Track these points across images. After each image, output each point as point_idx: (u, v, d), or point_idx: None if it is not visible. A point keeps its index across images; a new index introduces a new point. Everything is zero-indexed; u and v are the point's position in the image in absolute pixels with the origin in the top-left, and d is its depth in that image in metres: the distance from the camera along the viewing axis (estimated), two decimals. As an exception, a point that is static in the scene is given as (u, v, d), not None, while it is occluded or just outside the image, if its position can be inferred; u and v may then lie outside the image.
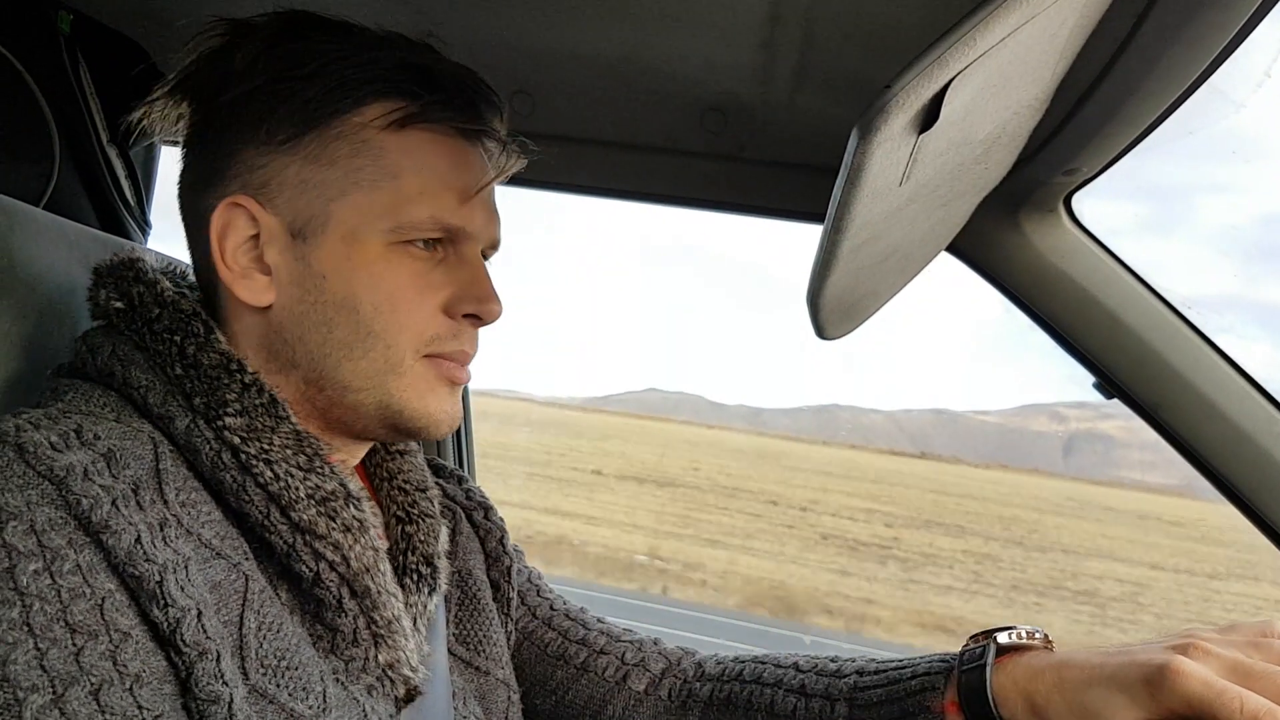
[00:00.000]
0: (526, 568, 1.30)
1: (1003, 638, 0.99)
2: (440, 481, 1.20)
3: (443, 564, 1.06)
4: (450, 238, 0.95)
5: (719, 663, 1.23)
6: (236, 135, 0.92)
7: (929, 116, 0.73)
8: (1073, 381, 1.44)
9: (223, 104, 0.91)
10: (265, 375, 0.93)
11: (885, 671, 1.08)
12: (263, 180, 0.91)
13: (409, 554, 1.03)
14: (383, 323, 0.92)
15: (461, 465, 2.07)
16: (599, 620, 1.29)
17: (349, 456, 1.01)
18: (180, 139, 0.98)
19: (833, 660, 1.15)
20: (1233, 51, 0.97)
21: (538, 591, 1.29)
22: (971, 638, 1.03)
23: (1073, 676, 0.91)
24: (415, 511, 1.06)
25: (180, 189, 0.98)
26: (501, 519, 1.28)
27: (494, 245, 1.02)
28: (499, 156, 1.02)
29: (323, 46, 0.92)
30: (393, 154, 0.92)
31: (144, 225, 1.52)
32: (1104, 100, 1.08)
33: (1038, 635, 1.00)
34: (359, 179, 0.91)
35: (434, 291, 0.94)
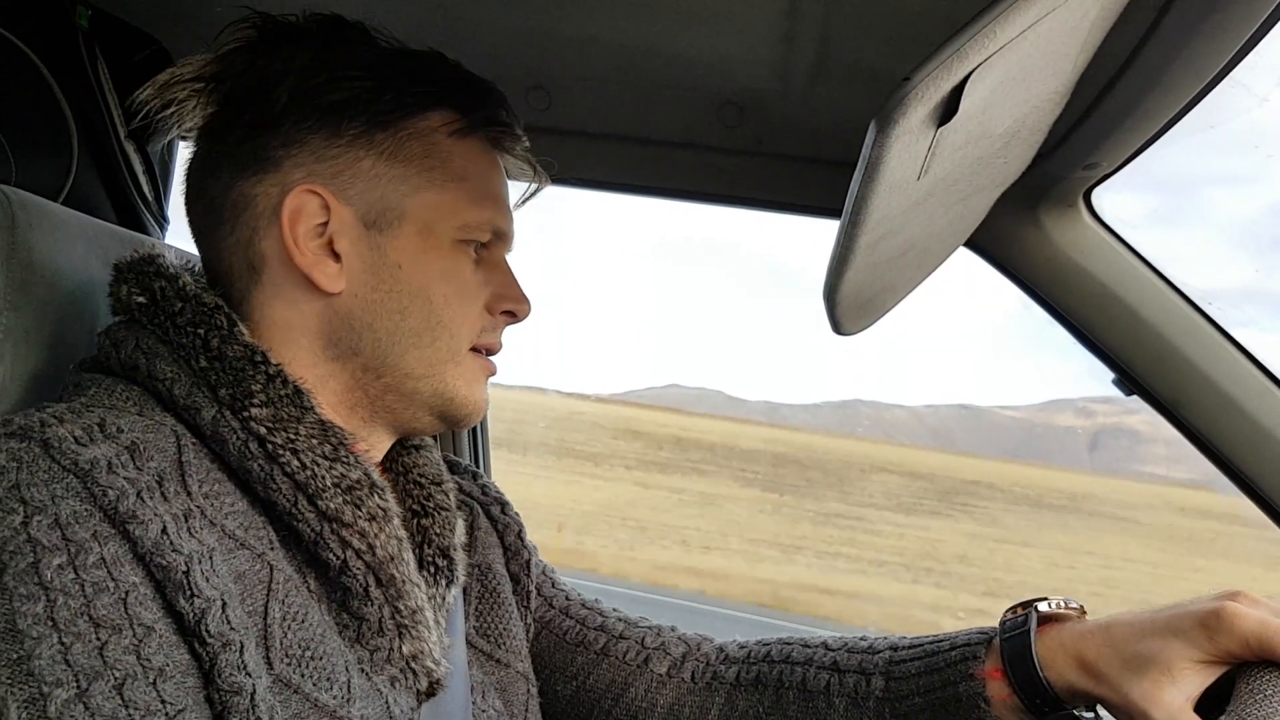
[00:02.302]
0: (541, 561, 1.31)
1: (1042, 607, 1.01)
2: (456, 478, 1.21)
3: (459, 556, 1.06)
4: (491, 241, 1.02)
5: (742, 646, 1.23)
6: (299, 126, 0.94)
7: (948, 109, 0.72)
8: (1098, 376, 1.43)
9: (280, 95, 0.93)
10: (319, 364, 0.96)
11: (920, 645, 1.09)
12: (334, 171, 0.94)
13: (425, 547, 1.03)
14: (450, 313, 0.97)
15: (477, 462, 2.07)
16: (614, 609, 1.30)
17: (374, 451, 1.02)
18: (198, 129, 0.99)
19: (862, 639, 1.15)
20: (1256, 44, 0.97)
21: (552, 583, 1.30)
22: (1009, 610, 1.03)
23: (1122, 633, 0.93)
24: (431, 504, 1.06)
25: (201, 176, 0.98)
26: (518, 514, 1.29)
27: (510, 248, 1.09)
28: (531, 175, 1.11)
29: (379, 53, 0.98)
30: (458, 159, 0.98)
31: (162, 221, 1.52)
32: (1125, 94, 1.07)
33: (1073, 606, 1.01)
34: (431, 179, 0.96)
35: (482, 289, 1.02)
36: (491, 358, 1.05)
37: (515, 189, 1.10)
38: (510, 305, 1.04)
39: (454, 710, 1.02)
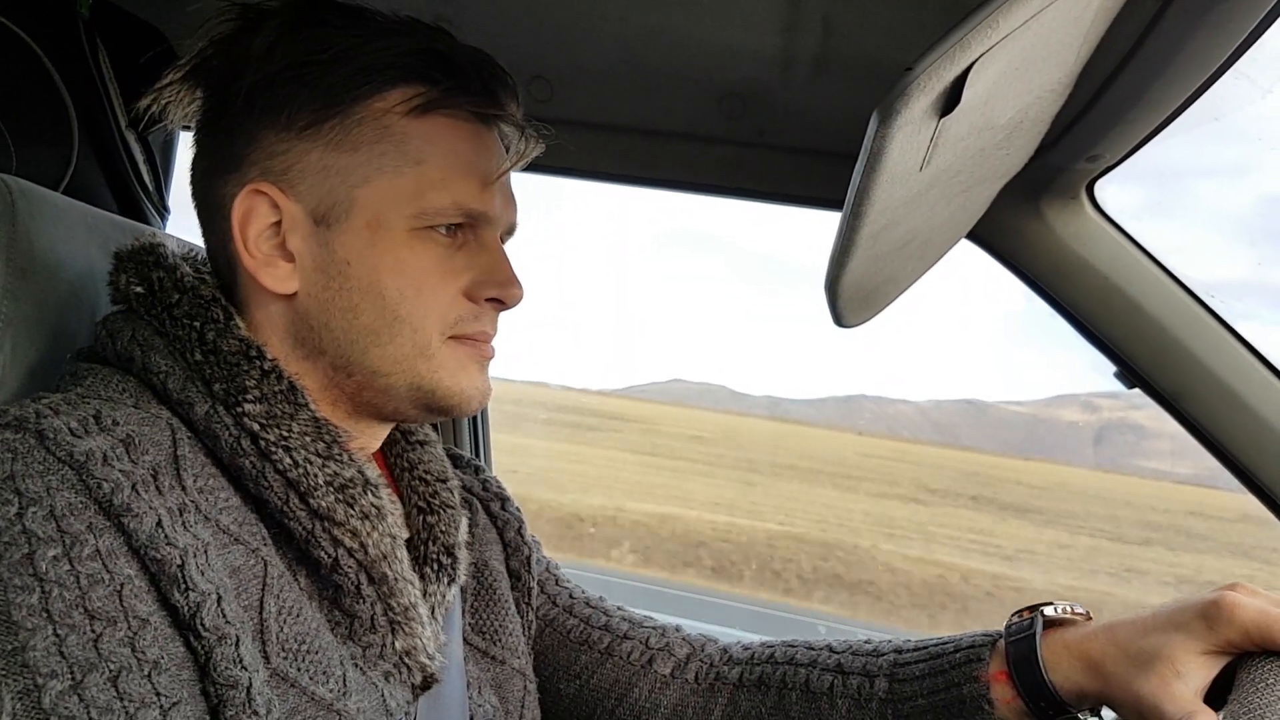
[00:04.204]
0: (544, 558, 1.30)
1: (1048, 611, 1.00)
2: (458, 472, 1.20)
3: (463, 554, 1.06)
4: (470, 223, 0.96)
5: (746, 647, 1.22)
6: (255, 121, 0.91)
7: (950, 100, 0.72)
8: (1105, 370, 1.43)
9: (240, 89, 0.91)
10: (291, 362, 0.94)
11: (925, 648, 1.09)
12: (284, 166, 0.91)
13: (430, 544, 1.03)
14: (408, 308, 0.92)
15: (478, 454, 2.07)
16: (619, 608, 1.29)
17: (369, 443, 1.01)
18: (194, 125, 0.98)
19: (867, 641, 1.15)
20: (1260, 36, 0.96)
21: (556, 580, 1.29)
22: (1015, 613, 1.03)
23: (1125, 631, 0.93)
24: (436, 502, 1.06)
25: (194, 175, 0.97)
26: (518, 509, 1.28)
27: (511, 230, 1.02)
28: (517, 142, 1.01)
29: (341, 32, 0.91)
30: (415, 140, 0.92)
31: (163, 211, 1.52)
32: (1128, 85, 1.06)
33: (1079, 611, 1.01)
34: (382, 165, 0.91)
35: (456, 276, 0.95)
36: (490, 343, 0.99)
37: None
38: (494, 291, 0.96)
39: (451, 704, 1.02)
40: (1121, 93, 1.08)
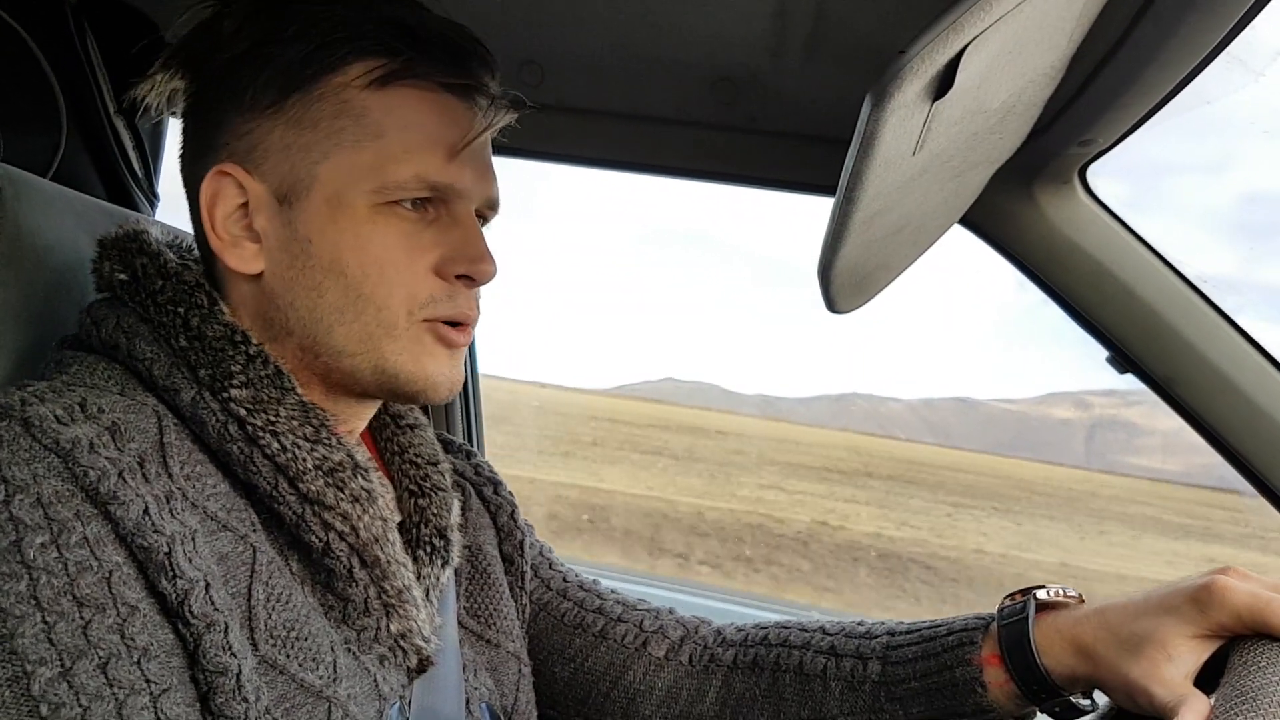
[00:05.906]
0: (537, 541, 1.30)
1: (1040, 594, 1.00)
2: (450, 457, 1.20)
3: (455, 537, 1.06)
4: (440, 197, 0.93)
5: (740, 629, 1.23)
6: (224, 103, 0.91)
7: (943, 83, 0.72)
8: (1099, 369, 1.43)
9: (211, 73, 0.91)
10: (264, 345, 0.93)
11: (918, 630, 1.09)
12: (248, 147, 0.90)
13: (422, 527, 1.03)
14: (371, 285, 0.90)
15: (470, 439, 2.06)
16: (612, 591, 1.29)
17: (356, 424, 1.01)
18: (179, 111, 0.97)
19: (860, 623, 1.15)
20: (1252, 19, 0.96)
21: (550, 564, 1.30)
22: (1008, 596, 1.04)
23: (1117, 615, 0.93)
24: (427, 485, 1.06)
25: (180, 162, 0.97)
26: (511, 493, 1.28)
27: (492, 205, 1.00)
28: (486, 110, 0.97)
29: (304, 8, 0.90)
30: (375, 113, 0.90)
31: (151, 197, 1.51)
32: (1121, 69, 1.06)
33: (1071, 594, 1.01)
34: (341, 140, 0.89)
35: (424, 253, 0.92)
36: (465, 327, 0.96)
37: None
38: (464, 267, 0.93)
39: (447, 687, 1.02)
40: (1114, 77, 1.07)
